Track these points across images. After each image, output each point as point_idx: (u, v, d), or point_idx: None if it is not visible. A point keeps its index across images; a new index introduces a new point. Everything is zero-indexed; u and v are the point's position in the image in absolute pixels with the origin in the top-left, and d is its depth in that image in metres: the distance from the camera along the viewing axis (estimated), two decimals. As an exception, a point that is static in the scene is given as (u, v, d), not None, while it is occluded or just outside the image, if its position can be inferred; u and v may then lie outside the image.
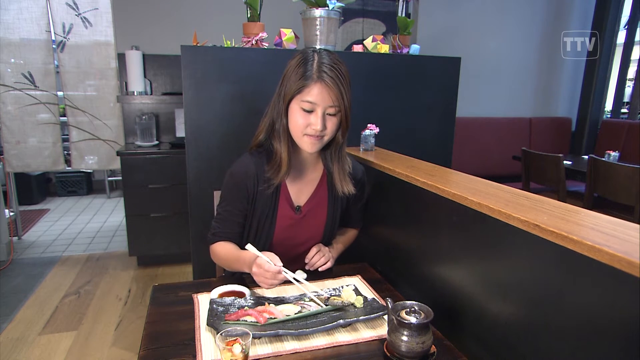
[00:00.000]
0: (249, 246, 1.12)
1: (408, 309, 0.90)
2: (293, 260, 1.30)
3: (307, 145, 1.14)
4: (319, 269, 1.25)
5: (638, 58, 4.48)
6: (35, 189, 4.51)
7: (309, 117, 1.10)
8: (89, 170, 4.89)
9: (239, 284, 1.16)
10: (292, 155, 1.19)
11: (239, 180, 1.21)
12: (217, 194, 1.46)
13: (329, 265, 1.26)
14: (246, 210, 1.24)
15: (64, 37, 3.01)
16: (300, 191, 1.27)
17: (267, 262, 1.06)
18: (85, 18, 3.02)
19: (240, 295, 1.11)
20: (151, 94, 3.25)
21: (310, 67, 1.08)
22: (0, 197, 3.08)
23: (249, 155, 1.23)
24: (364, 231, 1.50)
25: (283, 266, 1.08)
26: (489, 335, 0.91)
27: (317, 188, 1.29)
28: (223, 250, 1.24)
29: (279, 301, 1.07)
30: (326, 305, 1.05)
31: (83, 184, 4.93)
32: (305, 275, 1.22)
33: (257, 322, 0.96)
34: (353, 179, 1.28)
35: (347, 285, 1.15)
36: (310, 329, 0.95)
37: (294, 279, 1.11)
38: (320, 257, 1.25)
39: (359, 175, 1.34)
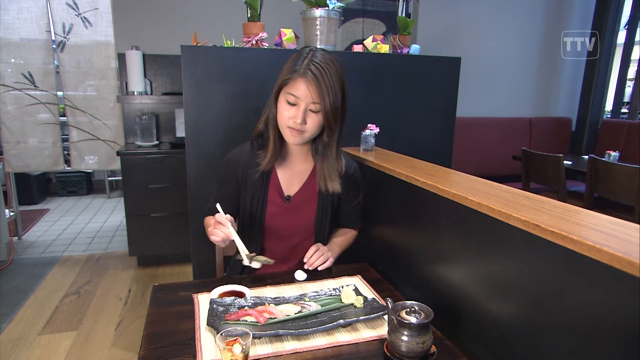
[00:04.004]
0: (217, 206, 1.16)
1: (408, 309, 0.90)
2: (289, 253, 1.35)
3: (289, 137, 1.20)
4: (318, 269, 1.25)
5: (638, 58, 4.48)
6: (35, 189, 4.50)
7: (292, 110, 1.15)
8: (89, 170, 4.89)
9: (239, 284, 1.16)
10: (280, 145, 1.26)
11: (230, 166, 1.32)
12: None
13: (328, 264, 1.27)
14: (237, 194, 1.33)
15: (64, 37, 3.01)
16: (290, 181, 1.31)
17: (220, 214, 1.11)
18: (85, 18, 3.02)
19: (241, 295, 1.11)
20: (151, 94, 3.25)
21: (301, 63, 1.13)
22: (1, 197, 3.08)
23: (247, 144, 1.32)
24: (364, 231, 1.50)
25: (278, 262, 1.14)
26: (489, 335, 0.91)
27: (308, 181, 1.32)
28: (205, 220, 1.34)
29: (278, 301, 1.07)
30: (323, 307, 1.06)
31: (83, 184, 4.93)
32: (305, 276, 1.22)
33: (257, 322, 0.96)
34: (344, 175, 1.30)
35: (347, 285, 1.15)
36: (310, 329, 0.95)
37: (246, 256, 1.14)
38: (318, 256, 1.25)
39: (350, 171, 1.35)
